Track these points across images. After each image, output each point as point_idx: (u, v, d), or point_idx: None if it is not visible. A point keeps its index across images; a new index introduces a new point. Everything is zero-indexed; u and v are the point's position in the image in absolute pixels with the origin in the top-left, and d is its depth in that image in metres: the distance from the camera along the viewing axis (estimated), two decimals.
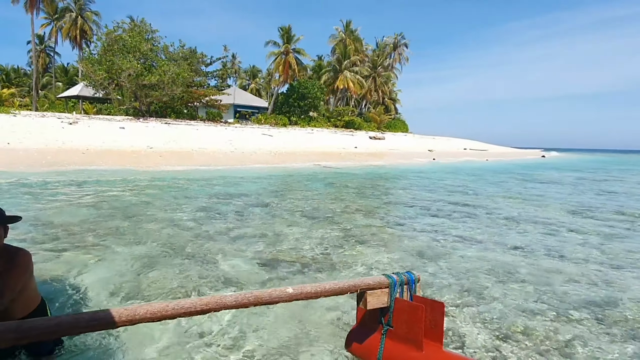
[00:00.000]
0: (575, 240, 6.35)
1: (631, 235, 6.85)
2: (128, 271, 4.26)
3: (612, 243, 6.23)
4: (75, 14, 51.69)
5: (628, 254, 5.64)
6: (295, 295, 2.26)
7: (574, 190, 13.72)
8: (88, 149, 18.72)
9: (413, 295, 2.66)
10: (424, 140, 49.18)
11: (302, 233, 6.19)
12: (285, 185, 12.70)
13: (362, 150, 30.10)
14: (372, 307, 2.54)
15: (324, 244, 5.66)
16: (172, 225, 6.42)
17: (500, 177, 18.50)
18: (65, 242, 5.24)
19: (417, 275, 2.69)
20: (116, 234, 5.71)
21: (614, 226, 7.57)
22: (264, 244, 5.54)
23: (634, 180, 18.67)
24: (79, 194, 9.30)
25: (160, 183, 11.92)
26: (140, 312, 1.90)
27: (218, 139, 26.94)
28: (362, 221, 7.28)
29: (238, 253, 5.05)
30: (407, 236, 6.32)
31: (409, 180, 16.11)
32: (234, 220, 6.97)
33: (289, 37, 50.58)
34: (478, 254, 5.40)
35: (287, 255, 5.04)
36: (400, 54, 69.30)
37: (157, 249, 5.05)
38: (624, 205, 10.30)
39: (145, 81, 33.65)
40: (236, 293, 2.13)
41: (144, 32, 36.88)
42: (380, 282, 2.55)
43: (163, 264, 4.51)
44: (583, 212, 8.96)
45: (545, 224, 7.56)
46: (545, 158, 42.27)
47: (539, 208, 9.46)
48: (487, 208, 9.26)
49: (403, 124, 67.02)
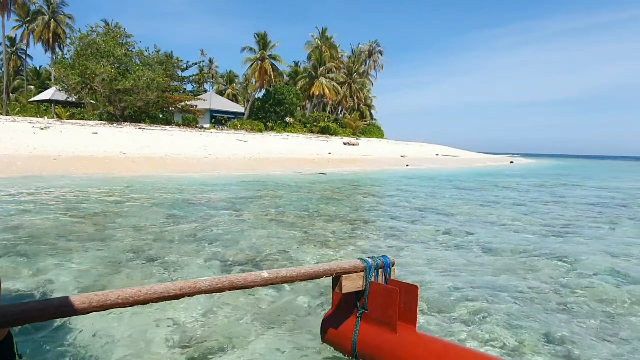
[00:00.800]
0: (501, 236, 7.00)
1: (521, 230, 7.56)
2: (89, 276, 4.51)
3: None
4: (48, 16, 51.10)
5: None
6: (271, 280, 2.26)
7: (510, 195, 14.57)
8: (60, 154, 18.78)
9: (388, 279, 2.70)
10: (398, 146, 50.20)
11: (264, 236, 6.66)
12: (255, 192, 13.13)
13: (335, 156, 30.73)
14: (348, 290, 2.58)
15: (284, 244, 6.15)
16: (135, 230, 6.79)
17: (463, 184, 19.35)
18: (27, 248, 5.57)
19: (392, 259, 2.74)
20: (79, 240, 6.05)
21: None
22: (224, 246, 6.00)
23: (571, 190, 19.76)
24: (46, 200, 9.56)
25: (130, 189, 12.20)
26: (111, 297, 1.88)
27: (192, 145, 27.17)
28: (323, 225, 7.79)
29: (199, 255, 5.49)
30: (364, 236, 6.86)
31: (380, 187, 16.76)
32: (195, 226, 7.38)
33: (264, 43, 51.09)
34: (429, 251, 5.98)
35: (247, 256, 5.50)
36: (375, 60, 70.69)
37: (119, 254, 5.41)
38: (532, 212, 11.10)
39: (119, 86, 33.61)
40: (210, 277, 2.11)
41: (118, 36, 36.83)
42: (356, 266, 2.59)
43: (124, 268, 4.90)
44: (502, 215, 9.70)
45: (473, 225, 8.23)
46: (513, 164, 43.73)
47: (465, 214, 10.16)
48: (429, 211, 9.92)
49: (378, 129, 68.20)
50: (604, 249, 6.53)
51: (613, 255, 6.13)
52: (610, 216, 10.12)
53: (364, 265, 2.61)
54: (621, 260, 5.82)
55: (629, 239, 7.43)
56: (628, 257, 6.02)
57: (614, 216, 10.14)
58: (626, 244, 6.97)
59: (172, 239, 6.24)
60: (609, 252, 6.27)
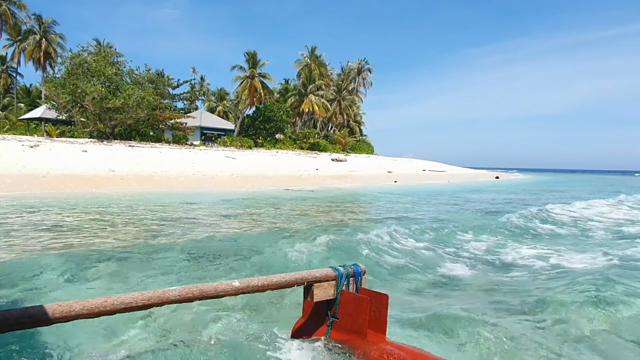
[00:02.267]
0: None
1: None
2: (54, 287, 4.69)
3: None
4: (39, 36, 51.60)
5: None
6: (242, 289, 2.25)
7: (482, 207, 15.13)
8: (49, 172, 19.07)
9: (359, 288, 2.70)
10: (386, 161, 50.89)
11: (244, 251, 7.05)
12: (240, 209, 13.53)
13: (322, 173, 31.21)
14: (319, 299, 2.58)
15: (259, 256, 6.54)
16: (112, 248, 7.10)
17: (441, 198, 19.89)
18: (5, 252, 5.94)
19: (363, 268, 2.74)
20: (52, 254, 6.31)
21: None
22: (193, 261, 6.38)
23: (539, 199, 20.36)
24: (31, 217, 9.90)
25: (113, 206, 12.55)
26: (76, 308, 1.83)
27: (181, 162, 27.55)
28: (301, 242, 8.18)
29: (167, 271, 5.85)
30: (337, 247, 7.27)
31: (366, 204, 17.24)
32: (165, 242, 7.76)
33: (254, 61, 51.92)
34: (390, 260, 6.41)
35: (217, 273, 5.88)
36: (364, 78, 71.90)
37: (92, 268, 5.59)
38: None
39: (109, 104, 34.06)
40: (180, 287, 2.09)
41: (109, 55, 37.43)
42: (327, 275, 2.59)
43: (94, 280, 5.12)
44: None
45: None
46: (499, 179, 44.53)
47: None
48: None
49: (368, 145, 69.03)
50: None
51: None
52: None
53: (336, 273, 2.61)
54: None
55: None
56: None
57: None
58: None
59: (144, 259, 6.59)
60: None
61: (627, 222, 12.54)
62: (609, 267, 6.06)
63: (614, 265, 6.19)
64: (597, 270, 5.78)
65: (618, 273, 5.40)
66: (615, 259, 6.67)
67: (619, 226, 11.49)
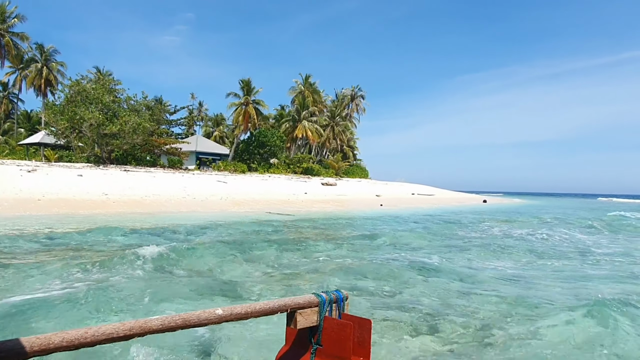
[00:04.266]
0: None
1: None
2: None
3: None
4: (40, 64, 53.36)
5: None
6: (225, 317, 2.23)
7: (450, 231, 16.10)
8: (44, 196, 20.07)
9: (342, 313, 2.71)
10: (377, 185, 51.99)
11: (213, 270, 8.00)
12: (218, 232, 14.47)
13: (310, 197, 32.23)
14: (302, 326, 2.57)
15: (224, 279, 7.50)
16: (89, 269, 7.70)
17: (424, 224, 20.87)
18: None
19: (345, 294, 2.75)
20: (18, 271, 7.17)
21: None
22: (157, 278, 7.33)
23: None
24: (15, 239, 10.88)
25: (95, 228, 13.40)
26: (55, 340, 1.79)
27: (173, 186, 28.57)
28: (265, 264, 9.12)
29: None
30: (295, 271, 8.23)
31: (333, 229, 18.21)
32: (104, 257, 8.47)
33: (248, 89, 53.63)
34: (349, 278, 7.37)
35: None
36: (358, 104, 73.82)
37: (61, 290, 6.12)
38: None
39: (106, 130, 35.39)
40: (162, 316, 2.08)
41: (107, 83, 39.01)
42: (310, 301, 2.59)
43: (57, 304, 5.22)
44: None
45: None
46: (486, 203, 45.58)
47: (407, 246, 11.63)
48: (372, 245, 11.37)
49: (362, 170, 70.36)
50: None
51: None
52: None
53: (318, 300, 2.61)
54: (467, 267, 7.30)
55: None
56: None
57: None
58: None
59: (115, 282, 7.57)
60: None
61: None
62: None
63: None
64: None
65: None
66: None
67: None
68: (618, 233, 17.22)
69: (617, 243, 13.83)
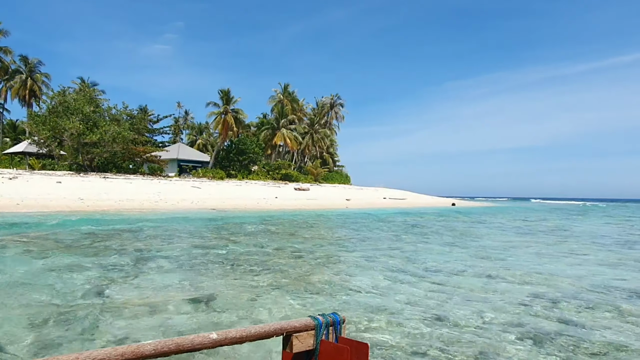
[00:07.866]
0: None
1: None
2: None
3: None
4: (25, 75, 55.01)
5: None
6: (220, 341, 2.17)
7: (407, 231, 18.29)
8: (23, 201, 21.92)
9: (339, 337, 2.66)
10: (351, 190, 54.20)
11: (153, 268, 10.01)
12: (176, 227, 16.45)
13: (280, 201, 34.26)
14: (298, 350, 2.52)
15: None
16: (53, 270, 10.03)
17: (377, 224, 23.08)
18: None
19: (342, 317, 2.70)
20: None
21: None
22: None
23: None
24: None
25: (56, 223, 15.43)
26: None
27: (148, 191, 30.46)
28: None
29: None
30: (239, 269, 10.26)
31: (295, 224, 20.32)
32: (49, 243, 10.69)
33: (228, 99, 55.73)
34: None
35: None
36: (337, 112, 76.19)
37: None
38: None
39: (86, 139, 37.25)
40: (155, 341, 2.01)
41: (88, 94, 40.93)
42: (307, 324, 2.54)
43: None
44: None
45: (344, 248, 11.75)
46: (454, 206, 47.92)
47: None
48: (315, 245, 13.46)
49: (341, 175, 72.55)
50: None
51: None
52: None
53: (315, 323, 2.57)
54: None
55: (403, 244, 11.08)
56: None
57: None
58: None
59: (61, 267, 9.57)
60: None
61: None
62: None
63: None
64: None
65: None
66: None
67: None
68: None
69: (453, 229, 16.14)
